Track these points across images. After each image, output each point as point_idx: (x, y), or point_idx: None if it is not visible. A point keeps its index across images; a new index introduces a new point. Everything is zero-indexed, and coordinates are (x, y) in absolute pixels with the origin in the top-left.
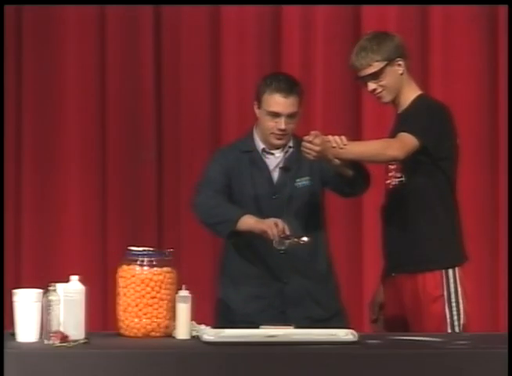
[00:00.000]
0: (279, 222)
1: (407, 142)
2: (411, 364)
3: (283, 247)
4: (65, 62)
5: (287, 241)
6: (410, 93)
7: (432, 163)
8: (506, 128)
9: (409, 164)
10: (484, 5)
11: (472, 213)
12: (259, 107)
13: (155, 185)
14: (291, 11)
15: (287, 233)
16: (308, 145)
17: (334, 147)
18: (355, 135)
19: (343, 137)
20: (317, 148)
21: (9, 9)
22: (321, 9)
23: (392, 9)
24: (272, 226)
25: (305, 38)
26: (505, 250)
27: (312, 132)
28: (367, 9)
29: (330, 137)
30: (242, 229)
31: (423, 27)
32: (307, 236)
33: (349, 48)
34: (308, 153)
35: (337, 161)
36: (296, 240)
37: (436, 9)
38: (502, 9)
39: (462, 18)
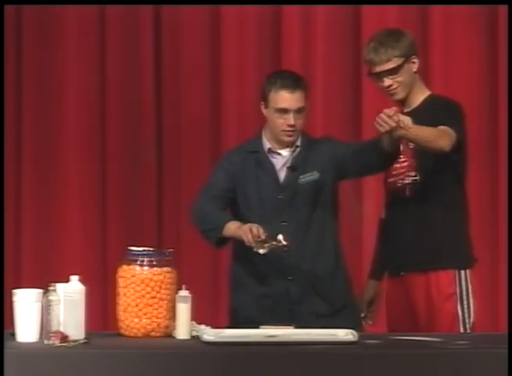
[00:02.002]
0: (254, 226)
1: (452, 135)
2: (411, 364)
3: (263, 251)
4: (65, 62)
5: (266, 245)
6: (420, 92)
7: (447, 161)
8: (506, 128)
9: (425, 162)
10: (484, 5)
11: (472, 213)
12: (266, 107)
13: (155, 185)
14: (291, 11)
15: (263, 237)
16: (386, 119)
17: (402, 127)
18: (355, 134)
19: (409, 119)
20: (393, 124)
21: (9, 9)
22: (321, 9)
23: (392, 9)
24: (247, 232)
25: (305, 38)
26: (505, 250)
27: (393, 108)
28: (367, 9)
29: (401, 116)
30: (227, 235)
31: (423, 27)
32: (285, 238)
33: (349, 48)
34: (382, 126)
35: (396, 139)
36: (274, 243)
37: (436, 9)
38: (502, 9)
39: (462, 18)
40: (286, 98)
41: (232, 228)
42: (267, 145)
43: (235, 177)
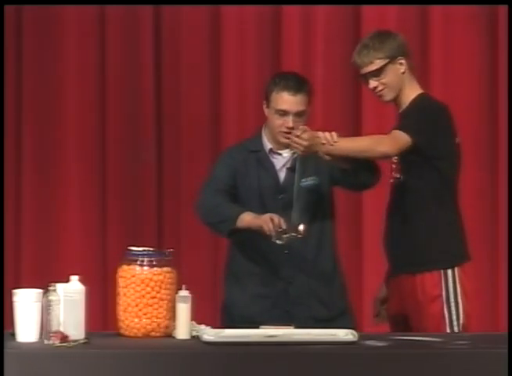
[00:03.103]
0: (275, 216)
1: (399, 138)
2: (411, 364)
3: (281, 242)
4: (65, 62)
5: (285, 235)
6: (411, 92)
7: (426, 162)
8: (506, 128)
9: (404, 163)
10: (484, 5)
11: (472, 213)
12: (268, 106)
13: (155, 185)
14: (291, 11)
15: (283, 227)
16: (295, 139)
17: (324, 144)
18: (355, 135)
19: (334, 133)
20: (305, 143)
21: (8, 9)
22: (321, 9)
23: (392, 9)
24: (268, 221)
25: (305, 38)
26: (505, 250)
27: (300, 127)
28: (367, 9)
29: (320, 133)
30: (241, 226)
31: (423, 27)
32: (305, 230)
33: (349, 47)
34: (296, 148)
35: (327, 157)
36: (294, 233)
37: (436, 9)
38: (503, 9)
39: (462, 18)
40: (287, 100)
41: (248, 218)
42: (268, 145)
43: (237, 173)
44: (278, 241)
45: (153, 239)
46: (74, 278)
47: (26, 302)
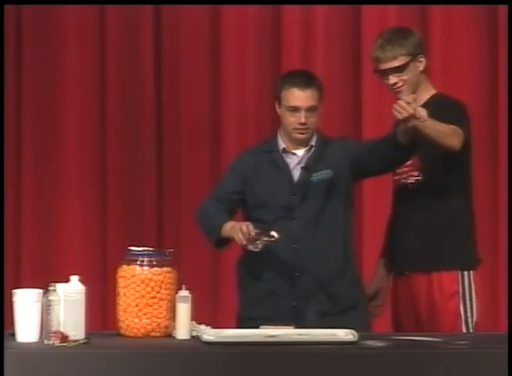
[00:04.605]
0: (244, 225)
1: (461, 135)
2: (411, 364)
3: (257, 249)
4: (65, 62)
5: (258, 242)
6: (425, 91)
7: (453, 161)
8: (506, 127)
9: (430, 163)
10: (484, 5)
11: None
12: (280, 106)
13: (155, 185)
14: (291, 11)
15: (252, 234)
16: (404, 105)
17: (418, 119)
18: (355, 134)
19: (425, 110)
20: (411, 111)
21: (8, 9)
22: (321, 9)
23: (392, 9)
24: (238, 231)
25: (305, 38)
26: (505, 250)
27: (412, 95)
28: (367, 9)
29: (419, 108)
30: (225, 236)
31: (423, 27)
32: (277, 232)
33: (349, 47)
34: (400, 113)
35: (412, 131)
36: (266, 238)
37: (436, 9)
38: (503, 9)
39: (462, 18)
40: (297, 96)
41: (227, 228)
42: (282, 144)
43: (246, 178)
44: (251, 248)
45: (153, 239)
46: (74, 278)
47: (26, 302)
